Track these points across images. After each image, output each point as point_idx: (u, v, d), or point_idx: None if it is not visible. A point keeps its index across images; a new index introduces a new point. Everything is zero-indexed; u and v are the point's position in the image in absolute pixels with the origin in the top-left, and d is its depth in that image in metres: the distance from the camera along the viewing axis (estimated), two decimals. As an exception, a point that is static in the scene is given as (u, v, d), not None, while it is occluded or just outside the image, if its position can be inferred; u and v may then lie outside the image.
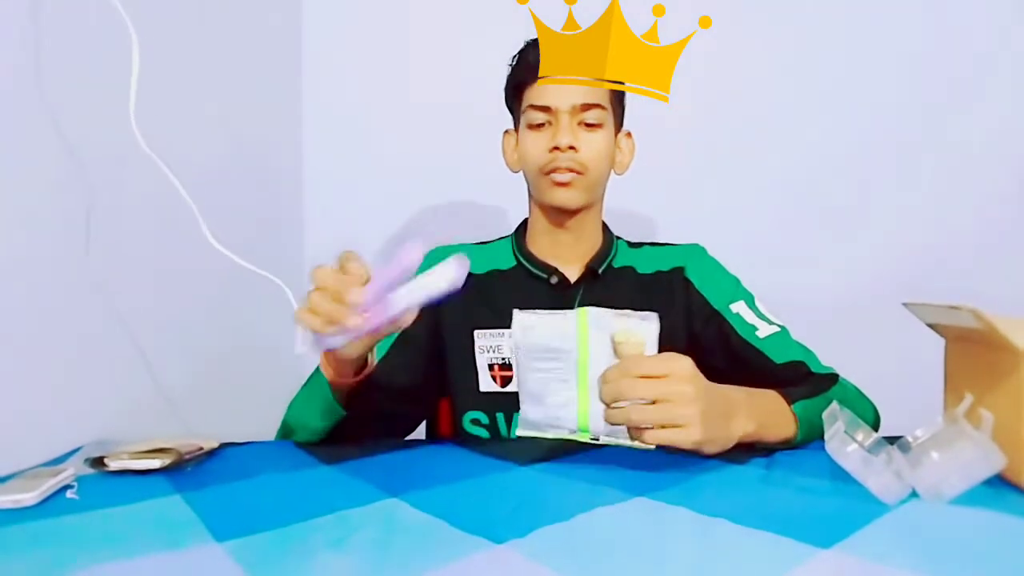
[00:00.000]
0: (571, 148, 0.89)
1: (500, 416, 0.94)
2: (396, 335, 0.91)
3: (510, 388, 0.92)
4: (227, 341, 1.19)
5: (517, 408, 0.92)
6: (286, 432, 0.84)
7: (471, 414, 0.95)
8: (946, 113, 1.46)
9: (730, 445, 0.68)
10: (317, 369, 0.77)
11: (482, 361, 0.93)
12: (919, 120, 1.46)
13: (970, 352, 0.66)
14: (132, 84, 0.69)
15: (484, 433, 0.95)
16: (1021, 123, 1.45)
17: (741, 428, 0.68)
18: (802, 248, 1.47)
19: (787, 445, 0.74)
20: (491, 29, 1.47)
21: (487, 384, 0.93)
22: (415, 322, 0.66)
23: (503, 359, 0.93)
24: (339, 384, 0.75)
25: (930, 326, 0.70)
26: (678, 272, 0.97)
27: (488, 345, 0.93)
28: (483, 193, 1.45)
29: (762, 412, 0.72)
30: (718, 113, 1.46)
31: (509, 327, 0.86)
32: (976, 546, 0.49)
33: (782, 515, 0.54)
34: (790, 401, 0.75)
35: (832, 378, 0.85)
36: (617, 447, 0.76)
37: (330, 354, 0.72)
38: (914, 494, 0.56)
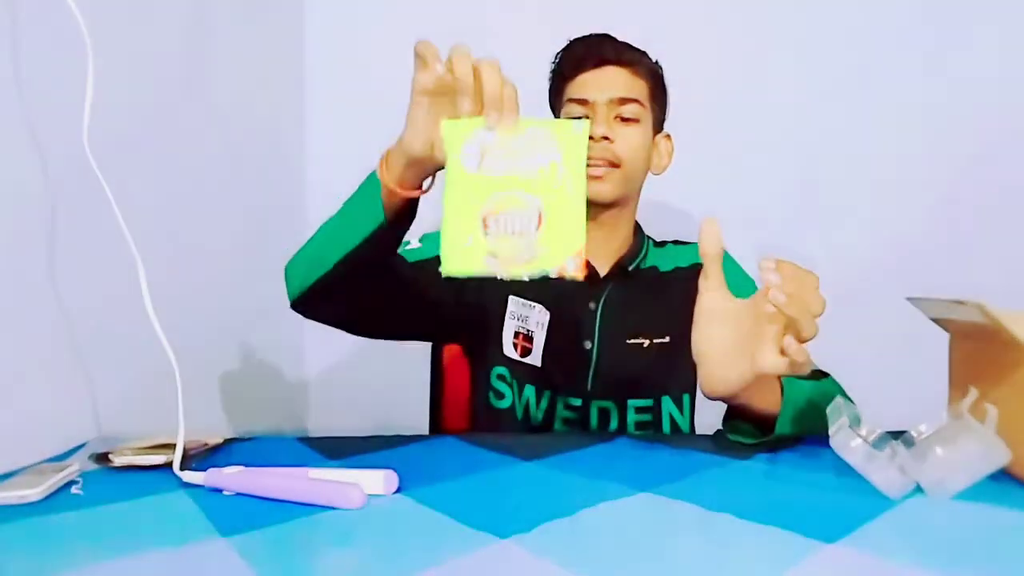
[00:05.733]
0: (605, 139, 0.90)
1: (514, 383, 0.98)
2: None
3: (528, 360, 0.96)
4: (231, 338, 1.20)
5: (531, 380, 0.96)
6: (293, 272, 0.82)
7: (498, 369, 0.98)
8: (945, 111, 1.46)
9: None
10: (362, 187, 0.74)
11: (509, 327, 0.97)
12: (919, 118, 1.46)
13: (975, 347, 0.66)
14: (87, 101, 0.68)
15: (507, 390, 0.98)
16: (1017, 120, 1.46)
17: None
18: (803, 244, 1.47)
19: (771, 424, 0.71)
20: (493, 23, 1.47)
21: (509, 350, 0.97)
22: None
23: (528, 330, 0.96)
24: (394, 196, 0.71)
25: (935, 321, 0.70)
26: (697, 269, 0.96)
27: (517, 313, 0.97)
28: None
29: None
30: (714, 109, 1.46)
31: (540, 302, 0.94)
32: (980, 541, 0.49)
33: (786, 510, 0.54)
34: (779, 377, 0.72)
35: (822, 375, 0.85)
36: (621, 443, 0.77)
37: (395, 166, 0.70)
38: (918, 489, 0.56)
